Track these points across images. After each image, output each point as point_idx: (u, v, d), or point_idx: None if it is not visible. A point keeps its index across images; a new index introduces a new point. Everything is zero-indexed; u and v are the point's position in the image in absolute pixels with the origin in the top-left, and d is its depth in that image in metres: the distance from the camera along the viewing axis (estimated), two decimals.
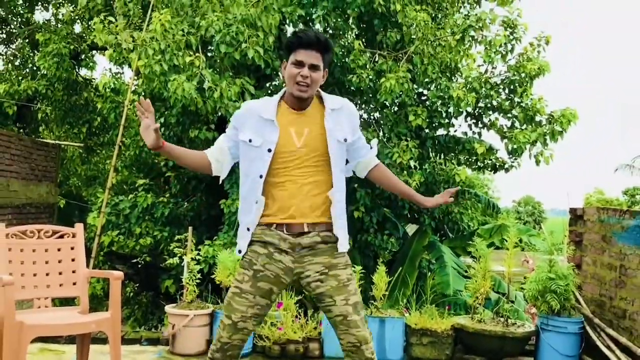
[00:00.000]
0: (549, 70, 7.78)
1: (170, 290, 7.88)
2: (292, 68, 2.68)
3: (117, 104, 8.85)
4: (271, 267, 2.68)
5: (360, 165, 3.00)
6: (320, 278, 2.68)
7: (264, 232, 2.69)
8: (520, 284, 6.44)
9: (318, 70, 2.69)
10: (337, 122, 2.76)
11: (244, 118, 2.76)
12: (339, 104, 2.81)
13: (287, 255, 2.68)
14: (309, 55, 2.66)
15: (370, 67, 7.56)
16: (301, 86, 2.67)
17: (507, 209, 26.54)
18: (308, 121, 2.74)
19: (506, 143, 8.02)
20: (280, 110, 2.75)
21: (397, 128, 7.77)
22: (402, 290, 7.21)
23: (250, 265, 2.70)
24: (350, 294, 2.68)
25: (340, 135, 2.76)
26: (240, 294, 2.68)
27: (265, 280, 2.68)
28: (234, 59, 6.89)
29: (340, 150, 2.77)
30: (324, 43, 2.69)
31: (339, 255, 2.73)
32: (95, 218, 7.97)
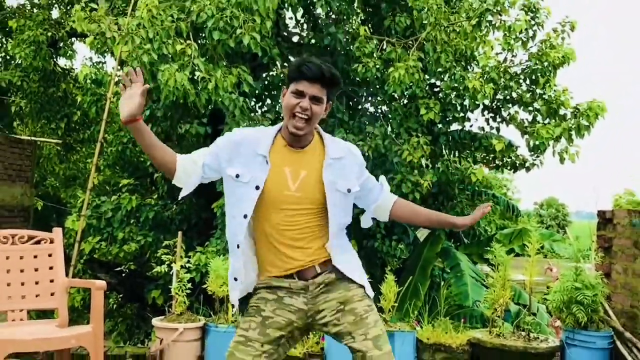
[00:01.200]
0: (574, 58, 7.77)
1: (157, 301, 7.88)
2: (291, 98, 2.58)
3: (98, 96, 8.85)
4: (282, 313, 2.62)
5: (380, 208, 2.93)
6: (336, 316, 2.62)
7: (271, 278, 2.65)
8: (543, 295, 6.44)
9: (320, 103, 2.60)
10: (340, 173, 2.68)
11: (235, 149, 2.65)
12: (342, 151, 2.74)
13: (299, 297, 2.62)
14: (312, 87, 2.57)
15: (377, 56, 7.56)
16: (298, 119, 2.57)
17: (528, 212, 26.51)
18: (306, 163, 2.66)
19: (527, 139, 8.02)
20: (275, 145, 2.66)
21: (407, 123, 7.76)
22: (412, 302, 7.19)
23: (257, 312, 2.63)
24: (369, 327, 2.61)
25: (343, 186, 2.68)
26: (246, 342, 2.60)
27: (275, 327, 2.61)
28: (228, 47, 6.88)
29: (344, 201, 2.70)
30: (330, 79, 2.60)
31: (353, 287, 2.67)
32: (75, 222, 7.97)
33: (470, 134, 8.61)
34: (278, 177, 2.61)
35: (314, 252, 2.64)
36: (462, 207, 9.22)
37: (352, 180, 2.74)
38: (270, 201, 2.60)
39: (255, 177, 2.59)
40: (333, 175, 2.66)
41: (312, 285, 2.62)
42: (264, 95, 8.83)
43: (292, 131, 2.59)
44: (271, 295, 2.64)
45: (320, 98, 2.59)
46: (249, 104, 7.54)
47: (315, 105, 2.59)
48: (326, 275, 2.64)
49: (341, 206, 2.69)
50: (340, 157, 2.71)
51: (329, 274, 2.65)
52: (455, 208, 9.10)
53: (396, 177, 7.37)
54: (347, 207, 2.74)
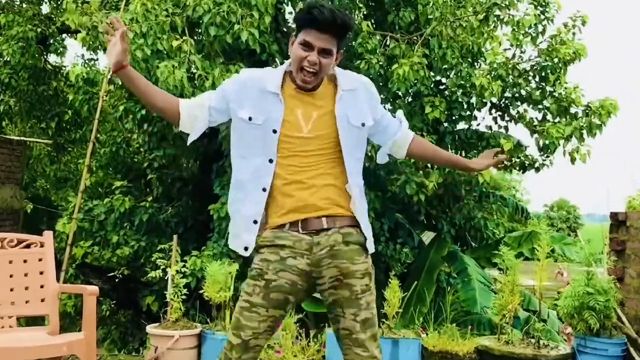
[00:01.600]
0: (585, 54, 7.77)
1: (152, 307, 7.89)
2: (299, 49, 2.58)
3: (90, 95, 8.85)
4: (285, 275, 2.60)
5: (397, 144, 2.95)
6: (333, 284, 2.62)
7: (275, 235, 2.62)
8: (554, 300, 6.43)
9: (330, 56, 2.60)
10: (352, 105, 2.69)
11: (242, 89, 2.66)
12: (354, 83, 2.74)
13: (302, 258, 2.60)
14: (321, 38, 2.55)
15: (380, 52, 7.56)
16: (306, 74, 2.58)
17: (538, 214, 26.54)
18: (317, 103, 2.66)
19: (537, 138, 8.02)
20: (285, 85, 2.67)
21: (412, 121, 7.76)
22: (418, 308, 7.19)
23: (260, 276, 2.61)
24: (361, 308, 2.62)
25: (357, 119, 2.69)
26: (251, 308, 2.59)
27: (279, 291, 2.60)
28: (226, 43, 6.89)
29: (357, 137, 2.70)
30: (342, 25, 2.58)
31: (359, 260, 2.65)
32: (66, 225, 7.97)
33: (477, 133, 8.61)
34: (291, 118, 2.62)
35: (325, 200, 2.62)
36: (469, 209, 9.21)
37: (366, 114, 2.74)
38: (284, 145, 2.61)
39: (270, 118, 2.60)
40: (345, 108, 2.67)
41: (316, 246, 2.60)
42: None
43: (300, 85, 2.62)
44: (274, 256, 2.61)
45: (330, 50, 2.59)
46: None
47: (324, 59, 2.58)
48: (332, 235, 2.61)
49: (355, 141, 2.69)
50: (352, 88, 2.72)
51: (335, 234, 2.62)
52: (462, 210, 9.10)
53: (400, 178, 7.37)
54: (361, 142, 2.74)
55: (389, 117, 2.91)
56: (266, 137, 2.60)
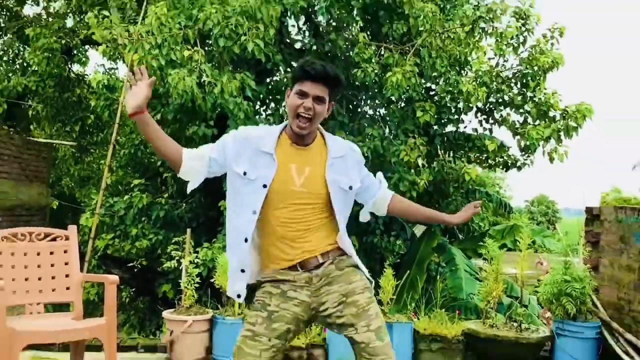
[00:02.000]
0: (562, 63, 7.76)
1: (168, 295, 7.89)
2: (295, 98, 2.59)
3: (111, 101, 8.85)
4: (287, 306, 2.60)
5: (377, 203, 2.94)
6: (338, 308, 2.61)
7: (276, 272, 2.63)
8: (534, 287, 6.44)
9: (322, 103, 2.60)
10: (342, 170, 2.70)
11: (239, 146, 2.65)
12: (343, 150, 2.76)
13: (302, 290, 2.61)
14: (315, 87, 2.57)
15: (375, 61, 7.55)
16: (302, 120, 2.57)
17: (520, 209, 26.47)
18: (310, 159, 2.66)
19: (518, 140, 8.01)
20: (280, 143, 2.66)
21: (404, 125, 7.76)
22: (410, 294, 7.20)
23: (263, 307, 2.61)
24: (370, 319, 2.60)
25: (346, 183, 2.70)
26: (253, 337, 2.56)
27: (281, 321, 2.59)
28: (234, 53, 6.89)
29: (346, 198, 2.73)
30: (333, 78, 2.60)
31: (355, 279, 2.66)
32: (89, 219, 7.98)
33: (464, 135, 8.60)
34: (284, 173, 2.61)
35: (317, 243, 2.64)
36: (457, 204, 9.21)
37: (354, 178, 2.75)
38: (276, 197, 2.60)
39: (262, 175, 2.59)
40: (336, 173, 2.67)
41: (315, 278, 2.61)
42: (268, 99, 8.82)
43: (296, 130, 2.60)
44: (275, 289, 2.62)
45: (323, 98, 2.59)
46: (253, 107, 7.53)
47: (318, 105, 2.59)
48: (328, 267, 2.64)
49: (344, 202, 2.72)
50: (341, 155, 2.73)
51: (330, 265, 2.64)
52: (450, 205, 9.10)
53: (394, 177, 7.36)
54: (349, 202, 2.77)
55: (371, 178, 2.92)
56: (256, 191, 2.60)
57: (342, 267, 2.67)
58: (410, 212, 3.01)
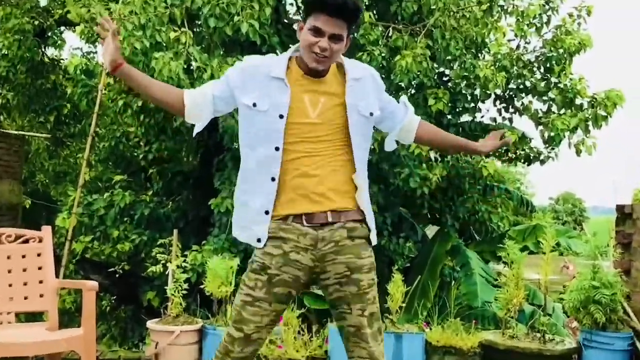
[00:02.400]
0: (590, 45, 7.75)
1: (152, 303, 7.90)
2: (309, 35, 2.55)
3: (89, 88, 8.84)
4: (288, 269, 2.59)
5: (404, 130, 2.94)
6: (340, 281, 2.62)
7: (278, 227, 2.60)
8: (559, 294, 6.43)
9: (340, 41, 2.57)
10: (361, 95, 2.69)
11: (245, 75, 2.64)
12: (361, 72, 2.74)
13: (306, 253, 2.59)
14: (332, 23, 2.52)
15: (383, 44, 7.54)
16: (318, 58, 2.56)
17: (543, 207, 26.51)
18: (324, 89, 2.64)
19: (541, 130, 8.00)
20: (291, 71, 2.65)
21: (415, 113, 7.73)
22: (421, 302, 7.20)
23: (263, 269, 2.60)
24: (368, 303, 2.64)
25: (365, 109, 2.68)
26: (253, 302, 2.60)
27: (282, 285, 2.60)
28: (225, 35, 6.87)
29: (365, 126, 2.71)
30: (353, 10, 2.56)
31: (364, 254, 2.67)
32: (65, 220, 7.98)
33: (481, 125, 8.59)
34: (297, 103, 2.59)
35: (332, 188, 2.62)
36: (473, 202, 9.20)
37: (373, 103, 2.74)
38: (290, 130, 2.58)
39: (276, 103, 2.57)
40: (355, 97, 2.66)
41: (320, 242, 2.59)
42: None
43: (312, 66, 2.59)
44: (276, 249, 2.59)
45: (341, 35, 2.56)
46: None
47: (335, 44, 2.56)
48: (338, 230, 2.62)
49: (363, 132, 2.70)
50: (360, 77, 2.71)
51: (341, 229, 2.62)
52: (465, 203, 9.09)
53: (403, 172, 7.36)
54: (368, 133, 2.75)
55: (394, 103, 2.92)
56: (272, 123, 2.57)
57: (354, 237, 2.65)
58: (438, 139, 3.04)
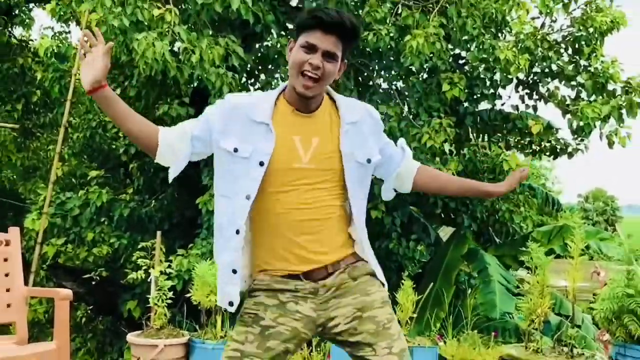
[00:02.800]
0: (625, 23, 7.74)
1: (133, 313, 7.92)
2: (300, 52, 2.52)
3: (62, 73, 8.85)
4: (286, 321, 2.54)
5: (401, 176, 2.90)
6: (352, 325, 2.56)
7: (273, 279, 2.58)
8: (589, 303, 6.44)
9: (334, 61, 2.55)
10: (358, 140, 2.66)
11: (228, 117, 2.60)
12: (358, 114, 2.72)
13: (306, 303, 2.56)
14: (326, 40, 2.51)
15: (391, 22, 7.54)
16: (308, 79, 2.52)
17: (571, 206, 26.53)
18: (317, 128, 2.62)
19: (570, 119, 8.00)
20: (278, 110, 2.62)
21: (427, 101, 7.75)
22: (434, 312, 7.21)
23: (255, 321, 2.55)
24: (393, 339, 2.57)
25: (362, 155, 2.66)
26: (242, 358, 2.51)
27: (277, 339, 2.54)
28: (214, 12, 6.88)
29: (362, 174, 2.69)
30: (350, 29, 2.55)
31: (372, 290, 2.64)
32: (36, 220, 7.99)
33: (502, 113, 8.60)
34: (286, 148, 2.56)
35: (328, 242, 2.60)
36: (493, 200, 9.21)
37: (372, 148, 2.72)
38: (278, 178, 2.55)
39: (258, 149, 2.53)
40: (351, 144, 2.63)
41: (322, 288, 2.56)
42: (257, 70, 8.82)
43: (300, 91, 2.53)
44: (271, 300, 2.56)
45: (335, 54, 2.54)
46: (239, 80, 7.52)
47: (328, 63, 2.53)
48: (338, 275, 2.59)
49: (360, 180, 2.68)
50: (356, 120, 2.68)
51: (341, 274, 2.59)
52: (484, 202, 9.10)
53: None
54: (366, 180, 2.73)
55: (392, 146, 2.89)
56: (251, 171, 2.54)
57: (356, 276, 2.62)
58: (440, 183, 2.96)
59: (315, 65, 2.49)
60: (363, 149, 2.67)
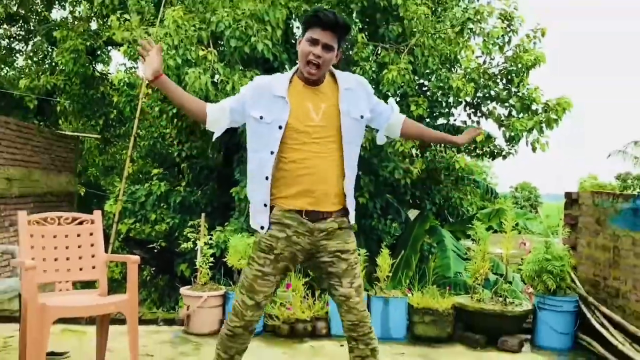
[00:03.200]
0: (544, 60, 7.72)
1: (185, 273, 7.91)
2: (306, 45, 2.62)
3: (132, 97, 8.83)
4: (290, 249, 2.69)
5: (391, 127, 2.95)
6: (332, 260, 2.70)
7: (283, 215, 2.67)
8: (518, 266, 6.43)
9: (331, 51, 2.63)
10: (353, 101, 2.72)
11: (256, 94, 2.69)
12: (352, 81, 2.78)
13: (304, 238, 2.68)
14: (325, 35, 2.60)
15: (373, 60, 7.52)
16: (312, 66, 2.61)
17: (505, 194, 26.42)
18: (324, 97, 2.69)
19: (504, 131, 7.98)
20: (293, 86, 2.69)
21: None
22: (405, 272, 7.20)
23: (271, 250, 2.69)
24: (355, 277, 2.73)
25: (357, 113, 2.72)
26: (263, 276, 2.70)
27: (284, 261, 2.71)
28: (244, 53, 6.86)
29: (356, 127, 2.73)
30: (343, 26, 2.63)
31: (350, 240, 2.75)
32: (113, 205, 7.99)
33: (454, 127, 8.57)
34: (301, 111, 2.63)
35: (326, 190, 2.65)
36: (448, 190, 9.20)
37: (364, 108, 2.77)
38: (298, 134, 2.62)
39: (278, 117, 2.62)
40: (348, 103, 2.69)
41: (316, 231, 2.67)
42: None
43: (307, 76, 2.64)
44: (281, 233, 2.68)
45: (332, 46, 2.62)
46: None
47: (327, 53, 2.62)
48: (329, 222, 2.69)
49: (353, 132, 2.72)
50: (350, 87, 2.74)
51: (332, 222, 2.69)
52: (441, 191, 9.08)
53: (390, 165, 7.35)
54: (359, 132, 2.77)
55: (383, 104, 2.93)
56: (272, 132, 2.62)
57: (342, 227, 2.72)
58: (421, 133, 3.02)
59: (317, 55, 2.60)
60: (357, 108, 2.73)
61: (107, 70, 12.39)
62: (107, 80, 11.78)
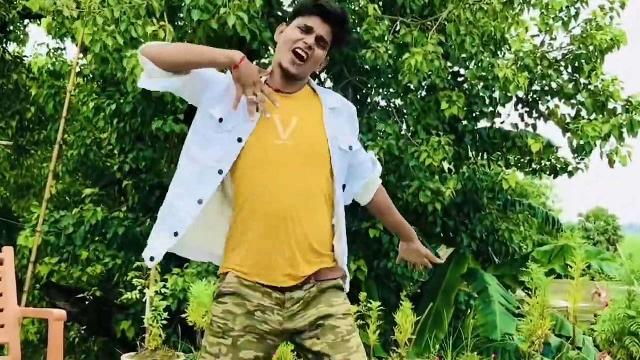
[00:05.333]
0: (625, 42, 7.78)
1: (127, 334, 7.89)
2: (296, 32, 2.64)
3: (57, 90, 8.86)
4: (254, 330, 2.57)
5: (366, 188, 2.93)
6: (315, 333, 2.58)
7: (240, 282, 2.59)
8: (590, 324, 6.43)
9: (323, 49, 2.68)
10: (338, 127, 2.72)
11: (225, 89, 2.68)
12: (339, 102, 2.80)
13: (273, 314, 2.58)
14: (323, 27, 2.65)
15: (389, 40, 7.56)
16: (299, 56, 2.62)
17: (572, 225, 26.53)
18: (298, 108, 2.68)
19: (570, 138, 8.01)
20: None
21: (426, 119, 7.76)
22: (434, 333, 7.20)
23: (225, 333, 2.57)
24: (351, 351, 2.58)
25: (345, 142, 2.71)
26: None
27: (249, 348, 2.57)
28: (210, 29, 6.89)
29: (344, 161, 2.72)
30: (342, 21, 2.69)
31: (337, 302, 2.64)
32: (29, 239, 7.97)
33: (501, 132, 8.61)
34: (265, 125, 2.60)
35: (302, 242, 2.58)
36: (492, 220, 9.21)
37: (351, 137, 2.78)
38: (258, 155, 2.59)
39: (239, 127, 2.60)
40: (334, 128, 2.69)
41: (289, 301, 2.58)
42: None
43: (286, 67, 2.63)
44: (239, 309, 2.57)
45: (326, 42, 2.67)
46: None
47: (319, 49, 2.66)
48: (308, 289, 2.60)
49: (342, 168, 2.72)
50: (335, 107, 2.76)
51: (312, 288, 2.60)
52: (484, 221, 9.09)
53: (413, 185, 7.37)
54: (346, 168, 2.76)
55: (363, 154, 2.91)
56: (229, 144, 2.60)
57: (323, 289, 2.63)
58: (390, 211, 3.03)
59: (308, 45, 2.63)
60: (343, 136, 2.73)
61: (22, 53, 12.42)
62: (23, 67, 11.81)
